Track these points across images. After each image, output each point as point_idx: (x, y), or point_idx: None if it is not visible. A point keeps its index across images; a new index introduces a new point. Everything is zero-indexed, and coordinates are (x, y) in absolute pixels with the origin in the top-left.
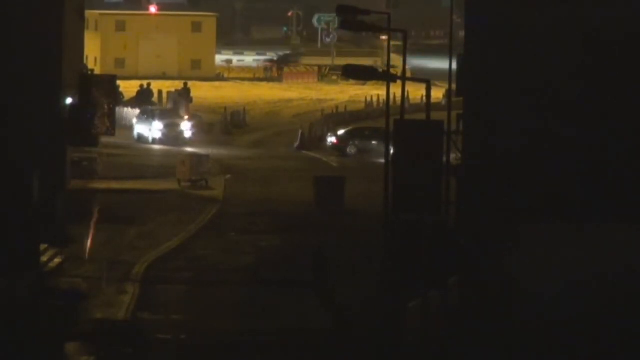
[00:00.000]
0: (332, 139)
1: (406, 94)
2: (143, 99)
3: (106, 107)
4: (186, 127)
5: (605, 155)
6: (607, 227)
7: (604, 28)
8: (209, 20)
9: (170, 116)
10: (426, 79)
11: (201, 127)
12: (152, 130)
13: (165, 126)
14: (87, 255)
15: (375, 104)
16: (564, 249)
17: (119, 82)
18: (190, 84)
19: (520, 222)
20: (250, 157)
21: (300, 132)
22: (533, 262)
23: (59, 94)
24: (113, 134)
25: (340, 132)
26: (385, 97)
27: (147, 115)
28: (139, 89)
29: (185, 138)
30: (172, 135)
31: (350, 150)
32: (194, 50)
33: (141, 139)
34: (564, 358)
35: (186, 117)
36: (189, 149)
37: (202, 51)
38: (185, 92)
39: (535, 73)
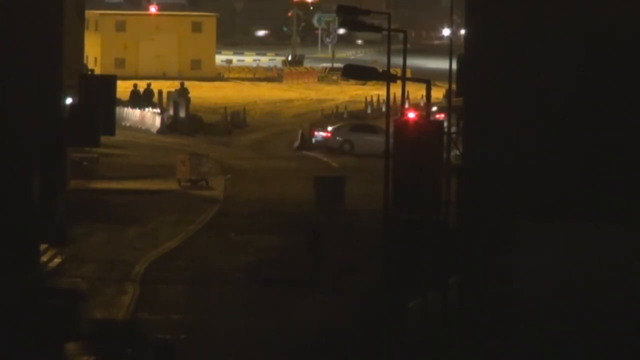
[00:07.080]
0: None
1: (406, 94)
2: (139, 100)
3: (106, 107)
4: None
5: (605, 155)
6: (606, 227)
7: (607, 28)
8: (209, 20)
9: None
10: (426, 79)
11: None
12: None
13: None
14: None
15: (375, 104)
16: (562, 249)
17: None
18: (190, 84)
19: (519, 222)
20: (250, 157)
21: (300, 132)
22: (532, 262)
23: (59, 94)
24: (113, 134)
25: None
26: (385, 97)
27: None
28: (132, 88)
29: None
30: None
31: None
32: (194, 50)
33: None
34: (562, 358)
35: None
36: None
37: (202, 51)
38: (184, 92)
39: (535, 72)
